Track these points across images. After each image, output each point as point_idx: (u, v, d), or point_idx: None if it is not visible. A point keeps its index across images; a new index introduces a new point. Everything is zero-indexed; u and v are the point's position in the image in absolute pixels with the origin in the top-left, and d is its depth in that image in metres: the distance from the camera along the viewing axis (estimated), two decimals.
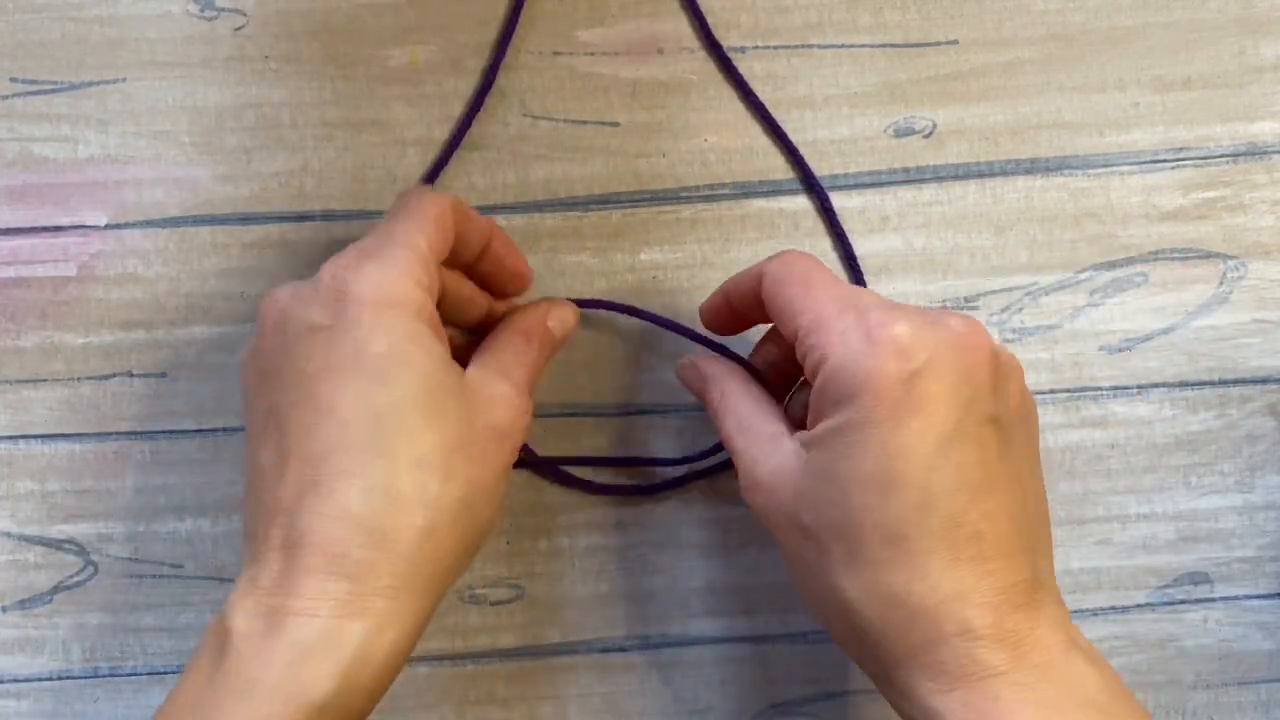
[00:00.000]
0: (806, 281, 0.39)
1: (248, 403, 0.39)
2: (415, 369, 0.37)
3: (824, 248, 0.46)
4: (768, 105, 0.46)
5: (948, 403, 0.36)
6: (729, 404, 0.41)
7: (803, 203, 0.47)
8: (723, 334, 0.43)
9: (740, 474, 0.39)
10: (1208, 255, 0.47)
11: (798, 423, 0.39)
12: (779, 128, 0.46)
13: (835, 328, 0.37)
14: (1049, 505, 0.39)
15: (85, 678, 0.46)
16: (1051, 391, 0.46)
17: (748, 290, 0.41)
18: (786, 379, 0.43)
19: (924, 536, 0.35)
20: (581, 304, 0.45)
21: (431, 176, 0.46)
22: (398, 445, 0.36)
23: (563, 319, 0.44)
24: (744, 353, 0.43)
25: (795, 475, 0.37)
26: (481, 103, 0.46)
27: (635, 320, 0.46)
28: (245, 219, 0.46)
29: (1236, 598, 0.46)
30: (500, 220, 0.46)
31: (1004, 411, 0.37)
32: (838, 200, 0.46)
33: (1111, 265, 0.46)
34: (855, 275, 0.46)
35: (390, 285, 0.37)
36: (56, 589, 0.46)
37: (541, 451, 0.46)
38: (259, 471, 0.37)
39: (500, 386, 0.40)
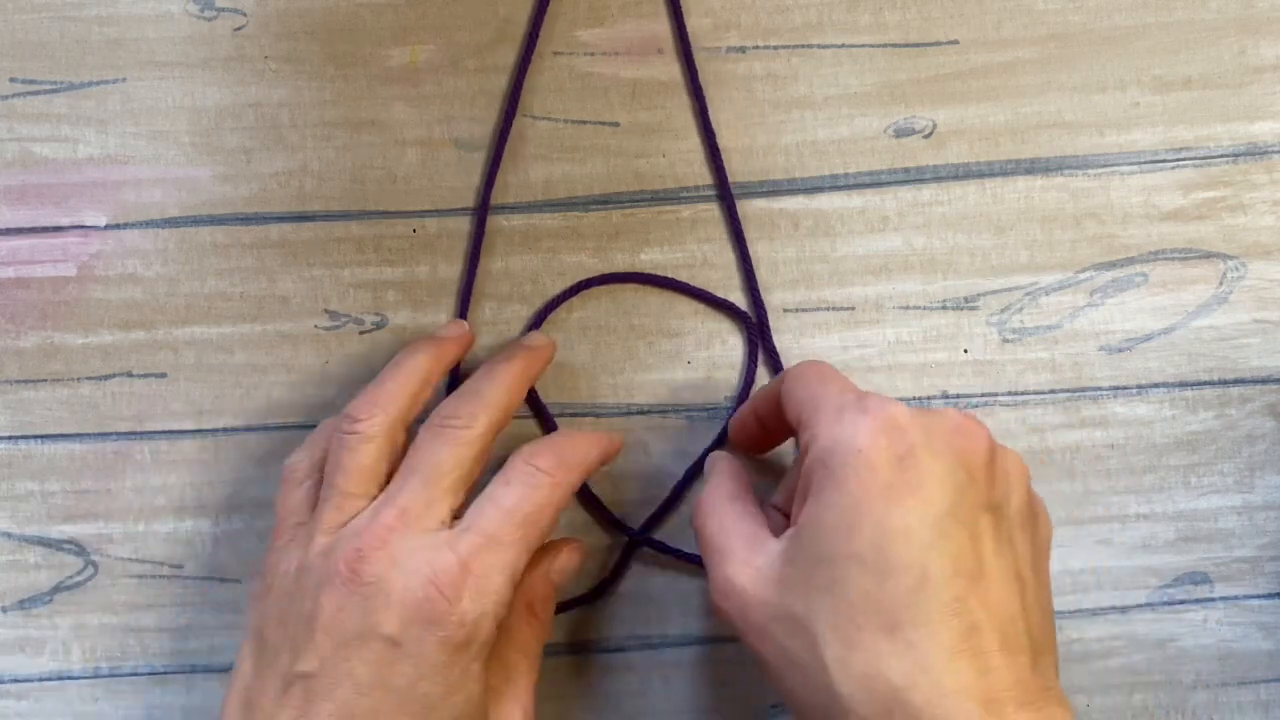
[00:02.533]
0: (821, 378, 0.39)
1: (264, 626, 0.38)
2: (456, 711, 0.37)
3: (823, 249, 0.46)
4: (767, 105, 0.47)
5: (943, 483, 0.35)
6: (713, 506, 0.40)
7: (802, 202, 0.47)
8: (752, 453, 0.45)
9: (714, 579, 0.37)
10: (1208, 255, 0.47)
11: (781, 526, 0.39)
12: (711, 129, 0.46)
13: (832, 405, 0.37)
14: (1050, 599, 0.38)
15: (85, 678, 0.46)
16: (1051, 391, 0.46)
17: (771, 399, 0.41)
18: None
19: (923, 623, 0.33)
20: (616, 278, 0.46)
21: (485, 198, 0.46)
22: None
23: (564, 569, 0.42)
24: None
25: (779, 568, 0.36)
26: (515, 107, 0.46)
27: (635, 320, 0.46)
28: (245, 219, 0.46)
29: (1236, 598, 0.46)
30: (500, 220, 0.46)
31: (1003, 504, 0.36)
32: (838, 200, 0.46)
33: (1111, 265, 0.46)
34: (749, 280, 0.46)
35: (472, 626, 0.37)
36: (56, 589, 0.46)
37: None
38: (262, 709, 0.37)
39: (513, 713, 0.39)
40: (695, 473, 0.46)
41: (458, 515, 0.39)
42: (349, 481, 0.39)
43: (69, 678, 0.46)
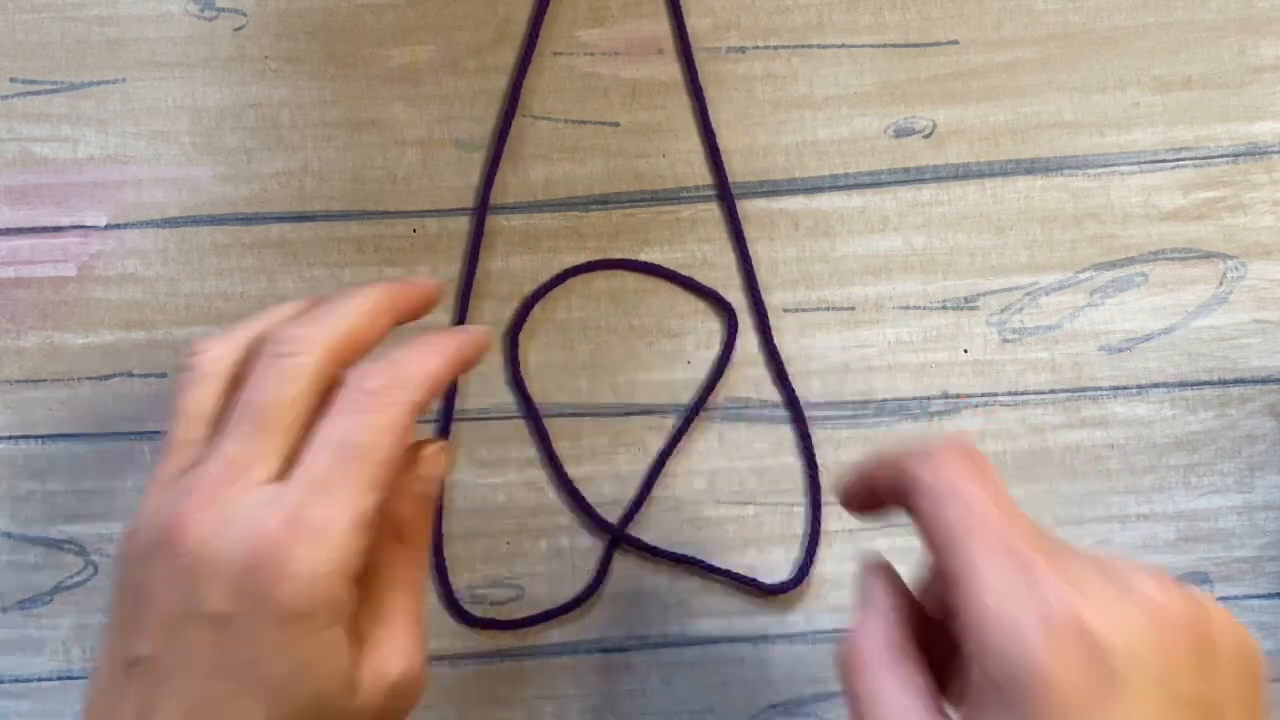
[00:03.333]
0: (966, 509, 0.31)
1: (110, 597, 0.33)
2: (308, 692, 0.31)
3: (823, 249, 0.46)
4: (767, 105, 0.47)
5: (1148, 694, 0.28)
6: (869, 659, 0.32)
7: (802, 202, 0.47)
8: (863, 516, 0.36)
9: None
10: (1208, 255, 0.47)
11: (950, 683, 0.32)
12: (711, 129, 0.46)
13: (997, 591, 0.29)
14: None
15: (85, 678, 0.46)
16: (1051, 391, 0.46)
17: (889, 485, 0.33)
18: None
19: None
20: (601, 264, 0.46)
21: (485, 198, 0.46)
22: None
23: (430, 477, 0.36)
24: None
25: None
26: (515, 107, 0.46)
27: (635, 320, 0.46)
28: (245, 219, 0.46)
29: (1236, 598, 0.46)
30: (500, 220, 0.46)
31: (1212, 691, 0.29)
32: (838, 200, 0.46)
33: (1111, 265, 0.46)
34: (750, 280, 0.46)
35: (315, 589, 0.31)
36: (56, 589, 0.46)
37: (540, 453, 0.46)
38: (109, 695, 0.32)
39: (394, 667, 0.33)
40: (660, 469, 0.46)
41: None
42: (263, 418, 0.33)
43: (69, 678, 0.46)
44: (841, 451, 0.46)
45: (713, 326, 0.47)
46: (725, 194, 0.46)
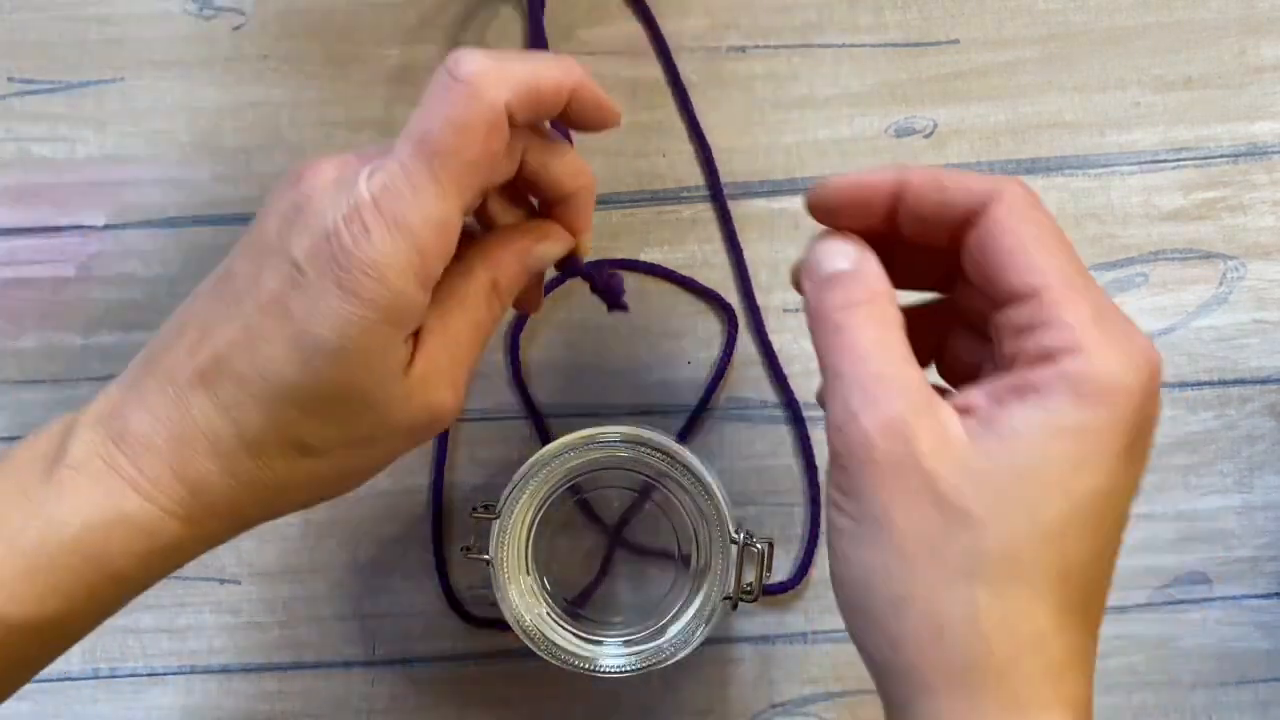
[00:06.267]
0: (1045, 233, 0.32)
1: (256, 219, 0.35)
2: (350, 373, 0.33)
3: None
4: (767, 105, 0.46)
5: (1148, 451, 0.32)
6: (859, 334, 0.33)
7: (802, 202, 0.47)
8: (828, 223, 0.35)
9: (859, 418, 0.32)
10: (1208, 255, 0.47)
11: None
12: (703, 135, 0.46)
13: (1081, 316, 0.31)
14: None
15: (85, 678, 0.46)
16: None
17: (928, 201, 0.33)
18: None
19: (1083, 586, 0.31)
20: (614, 264, 0.46)
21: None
22: (297, 422, 0.33)
23: (543, 257, 0.37)
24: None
25: (966, 452, 0.30)
26: None
27: (635, 320, 0.46)
28: (245, 219, 0.46)
29: (1235, 597, 0.46)
30: None
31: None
32: None
33: (1111, 265, 0.46)
34: (743, 281, 0.46)
35: (380, 275, 0.31)
36: None
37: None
38: (193, 301, 0.35)
39: (440, 394, 0.34)
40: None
41: None
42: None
43: (69, 678, 0.46)
44: None
45: (713, 326, 0.47)
46: (717, 194, 0.46)
